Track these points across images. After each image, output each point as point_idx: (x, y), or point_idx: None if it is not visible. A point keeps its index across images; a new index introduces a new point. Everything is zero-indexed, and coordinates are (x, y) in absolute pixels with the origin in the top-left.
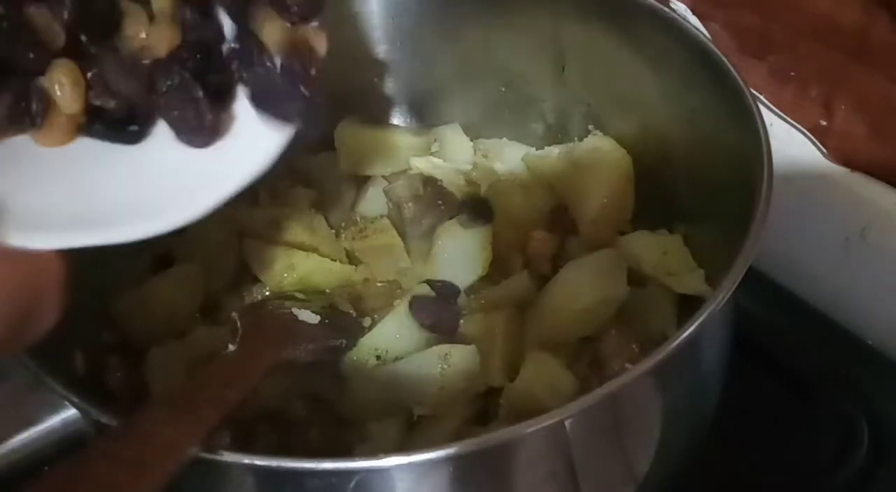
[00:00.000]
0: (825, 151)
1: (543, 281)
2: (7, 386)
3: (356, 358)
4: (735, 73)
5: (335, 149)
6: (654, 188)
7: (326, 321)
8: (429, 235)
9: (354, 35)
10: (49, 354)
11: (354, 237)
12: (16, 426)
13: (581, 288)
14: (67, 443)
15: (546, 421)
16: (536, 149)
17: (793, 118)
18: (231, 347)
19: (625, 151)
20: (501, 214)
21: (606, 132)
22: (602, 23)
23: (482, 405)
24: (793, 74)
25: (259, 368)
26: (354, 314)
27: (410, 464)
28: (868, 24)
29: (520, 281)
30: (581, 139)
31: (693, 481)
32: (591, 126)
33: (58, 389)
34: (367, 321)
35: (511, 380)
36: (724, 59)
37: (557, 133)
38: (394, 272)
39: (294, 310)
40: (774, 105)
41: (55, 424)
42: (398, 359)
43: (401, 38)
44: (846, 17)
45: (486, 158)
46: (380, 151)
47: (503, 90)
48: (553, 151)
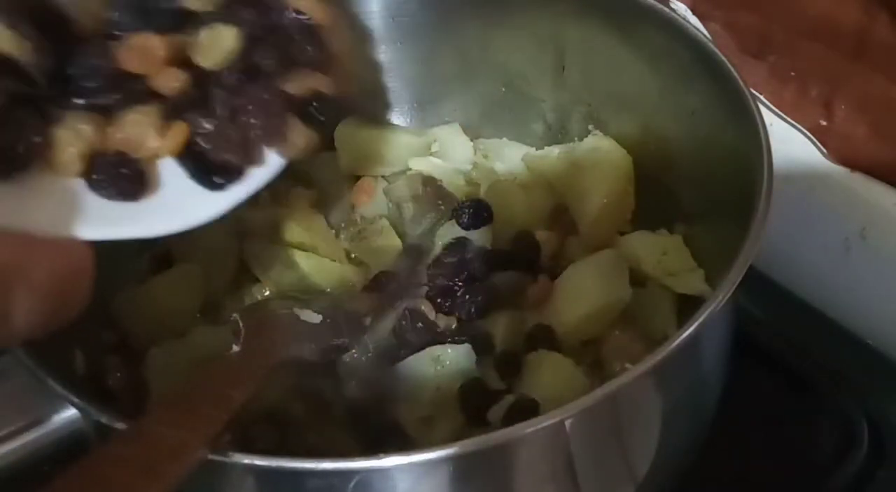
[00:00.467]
0: (825, 151)
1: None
2: (7, 386)
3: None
4: (735, 73)
5: (335, 149)
6: (654, 188)
7: (328, 321)
8: (429, 235)
9: (354, 35)
10: (49, 353)
11: (354, 237)
12: (16, 426)
13: (587, 292)
14: (67, 443)
15: (546, 421)
16: (536, 149)
17: (793, 118)
18: (235, 348)
19: (625, 151)
20: (501, 214)
21: (606, 132)
22: (602, 23)
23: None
24: (793, 74)
25: (263, 368)
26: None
27: (410, 464)
28: (868, 24)
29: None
30: (581, 139)
31: (693, 481)
32: (591, 126)
33: (58, 388)
34: (368, 321)
35: (510, 381)
36: (724, 59)
37: (557, 133)
38: None
39: (296, 309)
40: (774, 105)
41: (55, 424)
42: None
43: (401, 38)
44: (846, 17)
45: (486, 158)
46: (380, 151)
47: (503, 90)
48: (553, 151)
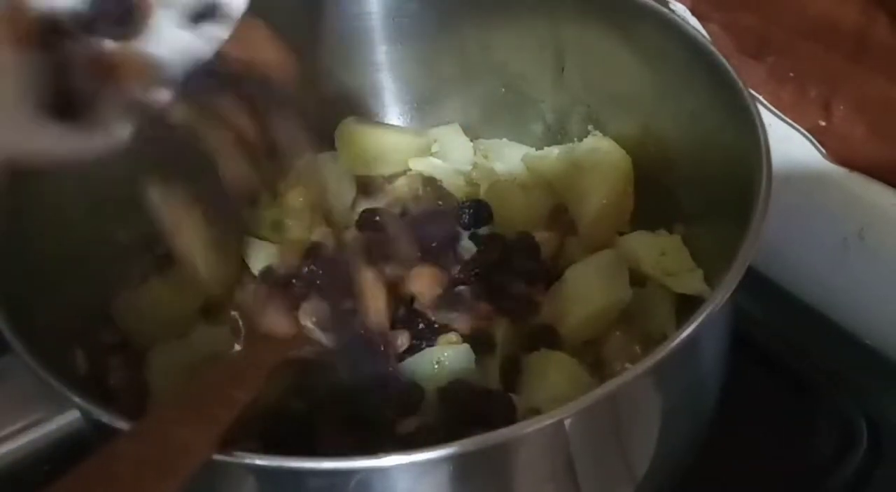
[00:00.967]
0: (824, 151)
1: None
2: (8, 386)
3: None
4: (734, 74)
5: (335, 149)
6: (654, 188)
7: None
8: None
9: (354, 35)
10: (50, 353)
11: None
12: (17, 426)
13: (588, 293)
14: (68, 443)
15: (546, 421)
16: (536, 149)
17: (792, 119)
18: (237, 347)
19: (624, 152)
20: (501, 214)
21: (606, 132)
22: (601, 23)
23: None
24: (792, 75)
25: (265, 367)
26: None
27: (410, 464)
28: (867, 25)
29: None
30: (581, 140)
31: (692, 480)
32: (591, 126)
33: (59, 388)
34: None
35: (510, 382)
36: (724, 60)
37: (557, 133)
38: None
39: None
40: (773, 105)
41: (56, 424)
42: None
43: (401, 38)
44: (845, 18)
45: (486, 158)
46: (380, 151)
47: (503, 90)
48: (553, 152)
